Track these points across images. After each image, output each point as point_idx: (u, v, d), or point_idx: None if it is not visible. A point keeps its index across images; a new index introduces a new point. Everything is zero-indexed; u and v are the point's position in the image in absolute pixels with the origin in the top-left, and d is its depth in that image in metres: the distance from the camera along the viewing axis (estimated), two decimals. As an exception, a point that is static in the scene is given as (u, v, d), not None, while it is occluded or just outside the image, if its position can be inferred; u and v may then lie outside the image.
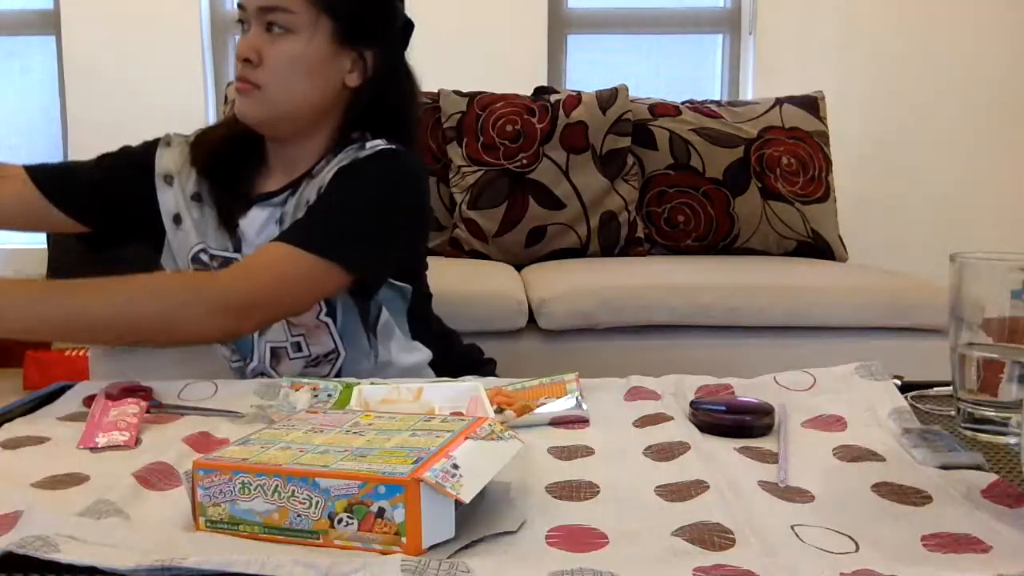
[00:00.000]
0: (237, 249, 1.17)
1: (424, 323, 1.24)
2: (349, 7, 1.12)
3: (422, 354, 1.21)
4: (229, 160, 1.18)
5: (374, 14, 1.16)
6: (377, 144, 1.13)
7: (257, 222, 1.16)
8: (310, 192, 1.13)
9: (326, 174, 1.12)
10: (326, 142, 1.16)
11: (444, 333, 1.31)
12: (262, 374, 1.18)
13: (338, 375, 1.16)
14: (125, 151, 1.22)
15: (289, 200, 1.15)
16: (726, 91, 3.43)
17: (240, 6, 1.12)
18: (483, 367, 1.29)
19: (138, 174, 1.19)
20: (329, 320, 1.15)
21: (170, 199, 1.19)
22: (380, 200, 1.10)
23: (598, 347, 1.80)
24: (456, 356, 1.28)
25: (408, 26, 1.21)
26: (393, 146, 1.13)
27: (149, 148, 1.22)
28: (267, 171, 1.19)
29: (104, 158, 1.21)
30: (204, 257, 1.19)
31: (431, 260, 1.29)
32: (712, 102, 2.48)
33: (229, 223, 1.17)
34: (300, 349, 1.16)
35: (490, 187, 2.25)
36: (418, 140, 1.23)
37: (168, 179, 1.19)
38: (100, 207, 1.18)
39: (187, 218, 1.18)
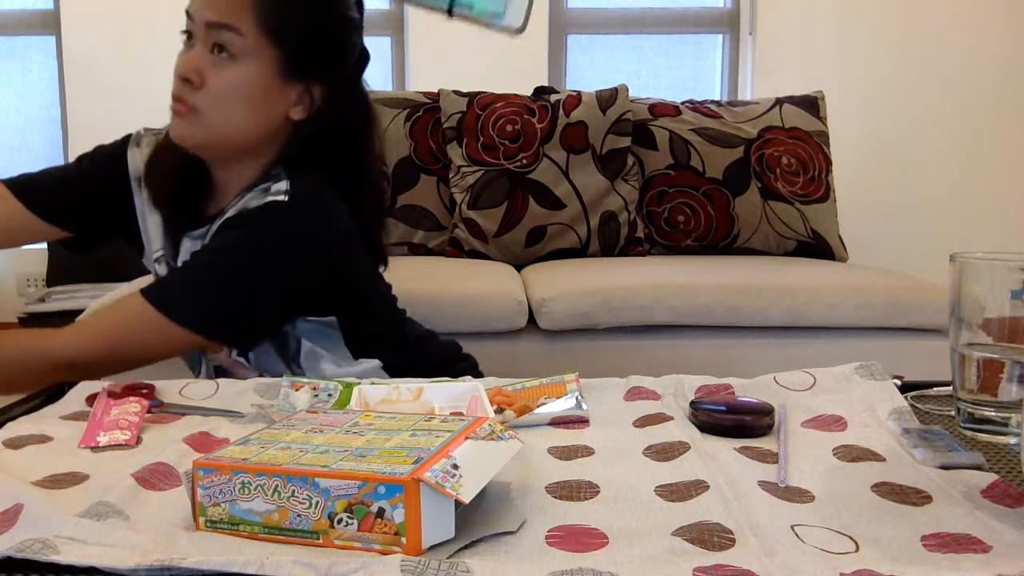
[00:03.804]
0: None
1: (372, 341, 1.17)
2: (298, 39, 1.07)
3: (366, 365, 1.16)
4: (181, 193, 1.14)
5: (324, 49, 1.10)
6: (280, 189, 1.06)
7: (184, 252, 1.14)
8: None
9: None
10: (258, 172, 1.11)
11: (411, 342, 1.25)
12: None
13: None
14: (101, 151, 1.20)
15: (208, 233, 1.11)
16: (726, 91, 3.44)
17: (188, 15, 1.06)
18: (447, 368, 1.20)
19: (116, 175, 1.18)
20: (243, 359, 1.13)
21: (143, 203, 1.18)
22: (252, 259, 1.04)
23: (598, 347, 1.80)
24: (419, 362, 1.19)
25: (364, 56, 1.16)
26: (286, 198, 1.05)
27: (122, 147, 1.20)
28: (214, 194, 1.15)
29: (82, 160, 1.19)
30: (160, 267, 1.18)
31: (431, 260, 1.28)
32: (712, 102, 2.48)
33: (175, 256, 1.15)
34: (232, 375, 1.15)
35: (490, 187, 2.25)
36: (375, 169, 1.19)
37: (140, 182, 1.18)
38: (83, 211, 1.16)
39: (150, 223, 1.18)
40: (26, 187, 1.14)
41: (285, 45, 1.06)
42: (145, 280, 1.77)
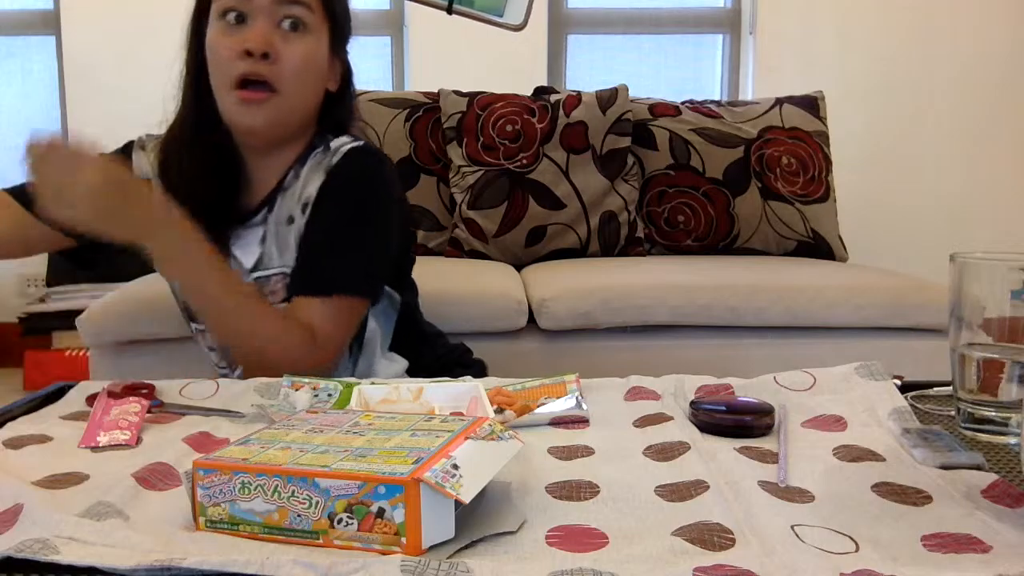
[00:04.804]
0: None
1: (405, 330, 1.23)
2: (343, 15, 1.14)
3: (397, 365, 1.20)
4: (212, 197, 1.13)
5: (349, 24, 1.18)
6: (342, 142, 1.14)
7: (241, 244, 1.15)
8: (290, 207, 1.12)
9: (300, 186, 1.12)
10: (301, 149, 1.15)
11: (425, 337, 1.30)
12: None
13: None
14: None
15: (268, 217, 1.13)
16: (726, 91, 3.44)
17: None
18: (458, 370, 1.24)
19: None
20: None
21: None
22: (368, 209, 1.11)
23: (598, 347, 1.80)
24: (430, 360, 1.26)
25: None
26: (360, 141, 1.15)
27: (125, 153, 1.20)
28: (246, 184, 1.16)
29: None
30: None
31: (431, 260, 1.29)
32: (712, 102, 2.48)
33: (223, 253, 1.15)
34: None
35: (490, 187, 2.25)
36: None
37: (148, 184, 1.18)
38: None
39: None
40: (28, 194, 1.13)
41: (334, 20, 1.12)
42: (146, 280, 1.77)
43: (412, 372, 1.22)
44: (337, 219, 1.10)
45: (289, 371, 0.94)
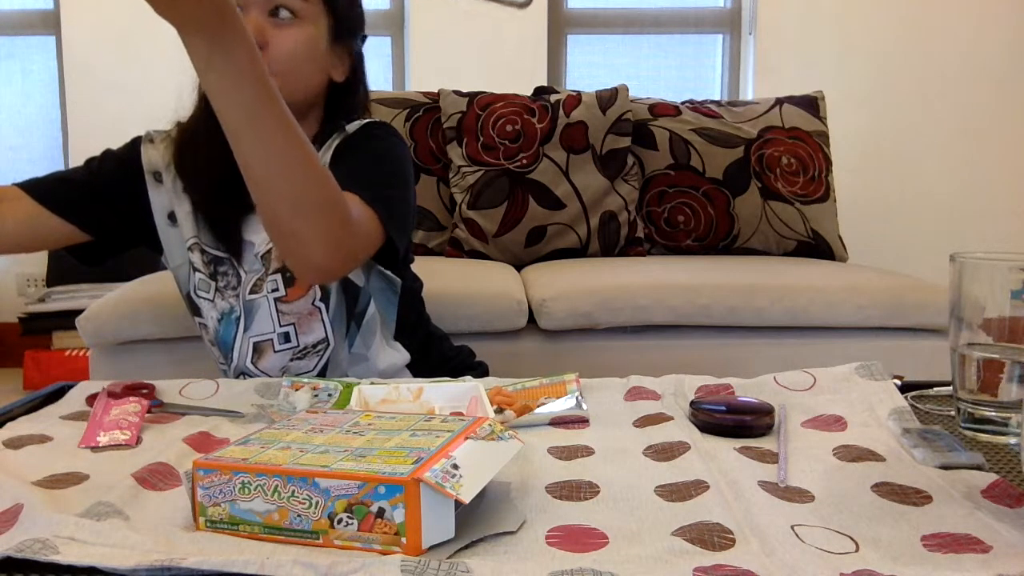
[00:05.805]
0: (236, 255, 1.16)
1: (410, 322, 1.23)
2: (345, 6, 1.16)
3: (400, 356, 1.20)
4: (227, 184, 1.10)
5: (358, 15, 1.20)
6: (357, 124, 1.17)
7: (254, 228, 1.15)
8: None
9: None
10: (312, 135, 1.17)
11: (429, 335, 1.30)
12: (243, 374, 1.17)
13: (323, 368, 1.17)
14: (109, 154, 1.21)
15: None
16: (726, 91, 3.44)
17: None
18: (464, 373, 1.25)
19: (127, 175, 1.18)
20: (323, 306, 1.14)
21: (163, 197, 1.18)
22: (389, 157, 1.13)
23: (598, 347, 1.80)
24: (438, 360, 1.27)
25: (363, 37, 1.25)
26: (375, 118, 1.18)
27: (132, 147, 1.20)
28: None
29: (91, 162, 1.20)
30: (196, 254, 1.17)
31: (431, 260, 1.29)
32: (712, 102, 2.48)
33: (235, 251, 1.16)
34: (288, 340, 1.15)
35: (490, 187, 2.25)
36: None
37: (157, 176, 1.18)
38: (99, 211, 1.16)
39: (179, 212, 1.18)
40: (38, 187, 1.14)
41: (335, 11, 1.14)
42: (146, 280, 1.77)
43: (419, 370, 1.22)
44: (358, 163, 1.10)
45: (325, 250, 0.88)
